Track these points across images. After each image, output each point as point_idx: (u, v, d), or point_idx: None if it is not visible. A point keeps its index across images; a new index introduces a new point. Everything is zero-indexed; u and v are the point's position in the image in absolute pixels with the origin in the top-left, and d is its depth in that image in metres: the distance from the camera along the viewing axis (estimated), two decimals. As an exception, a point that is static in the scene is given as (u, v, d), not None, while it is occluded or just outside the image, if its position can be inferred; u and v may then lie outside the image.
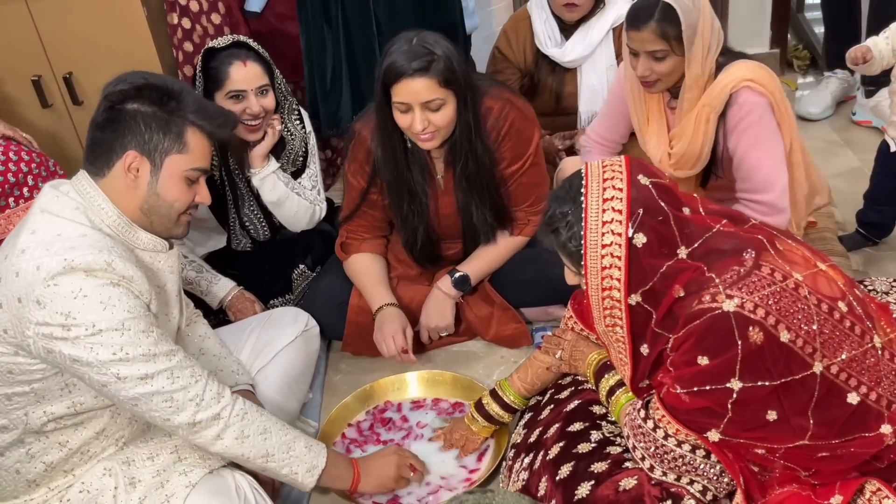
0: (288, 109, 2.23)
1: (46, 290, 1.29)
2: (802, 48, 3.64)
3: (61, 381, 1.39)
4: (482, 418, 1.78)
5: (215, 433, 1.42)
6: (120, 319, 1.32)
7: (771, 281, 1.28)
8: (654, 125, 2.11)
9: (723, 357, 1.26)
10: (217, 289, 2.18)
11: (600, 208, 1.31)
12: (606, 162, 1.37)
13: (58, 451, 1.45)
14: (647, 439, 1.39)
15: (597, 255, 1.32)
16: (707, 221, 1.37)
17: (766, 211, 1.99)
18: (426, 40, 1.79)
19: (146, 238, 1.48)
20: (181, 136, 1.43)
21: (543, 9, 2.56)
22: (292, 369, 1.96)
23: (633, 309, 1.34)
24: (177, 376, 1.38)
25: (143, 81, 1.42)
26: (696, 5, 1.86)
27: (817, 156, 2.86)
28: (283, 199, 2.20)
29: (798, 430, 1.30)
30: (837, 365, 1.28)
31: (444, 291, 2.13)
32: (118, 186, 1.43)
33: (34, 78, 2.83)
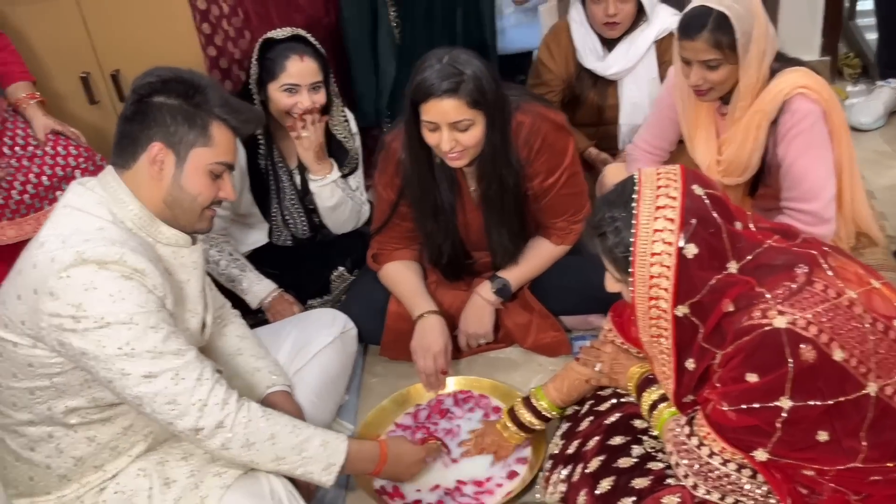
0: (337, 110, 2.24)
1: (59, 282, 1.30)
2: (854, 56, 3.56)
3: (80, 376, 1.39)
4: (514, 426, 1.76)
5: (220, 442, 1.41)
6: (129, 313, 1.32)
7: (824, 297, 1.24)
8: (704, 131, 2.07)
9: (773, 375, 1.23)
10: (258, 289, 2.19)
11: (652, 216, 1.28)
12: (661, 170, 1.33)
13: (86, 446, 1.46)
14: (691, 456, 1.36)
15: (646, 264, 1.29)
16: (758, 237, 1.34)
17: (810, 221, 1.94)
18: (457, 59, 1.77)
19: (168, 232, 1.48)
20: (206, 129, 1.44)
21: (582, 24, 2.54)
22: (330, 371, 1.95)
23: (680, 321, 1.31)
24: (182, 377, 1.37)
25: (171, 75, 1.43)
26: (751, 12, 1.82)
27: (868, 167, 2.79)
28: (339, 204, 2.21)
29: (850, 452, 1.26)
30: (893, 386, 1.24)
31: (483, 298, 2.11)
32: (143, 178, 1.44)
33: (83, 75, 2.87)
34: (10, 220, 2.22)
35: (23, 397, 1.41)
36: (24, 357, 1.37)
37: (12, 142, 2.26)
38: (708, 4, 1.83)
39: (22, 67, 2.39)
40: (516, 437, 1.77)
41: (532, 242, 2.12)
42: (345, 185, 2.23)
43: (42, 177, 2.24)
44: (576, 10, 2.55)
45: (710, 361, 1.32)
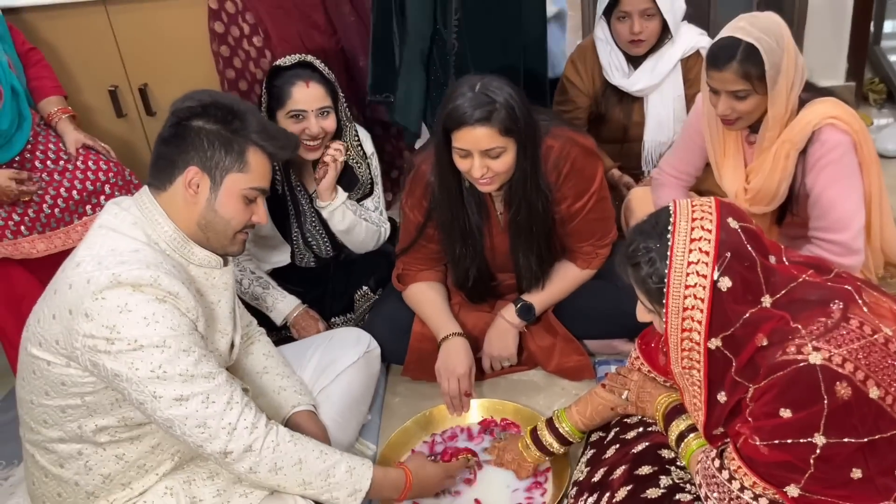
0: (350, 135, 2.23)
1: (94, 304, 1.32)
2: (879, 81, 3.54)
3: (111, 396, 1.41)
4: (535, 447, 1.77)
5: (248, 466, 1.42)
6: (162, 336, 1.34)
7: (860, 335, 1.24)
8: (731, 159, 2.07)
9: (807, 411, 1.22)
10: (283, 306, 2.19)
11: (687, 248, 1.28)
12: (696, 202, 1.34)
13: (114, 464, 1.47)
14: (721, 490, 1.35)
15: (679, 295, 1.28)
16: (792, 271, 1.33)
17: (839, 251, 1.93)
18: (489, 87, 1.78)
19: (201, 254, 1.50)
20: (243, 155, 1.46)
21: (608, 42, 2.54)
22: (353, 391, 1.96)
23: (713, 353, 1.31)
24: (212, 401, 1.38)
25: (210, 99, 1.46)
26: (780, 44, 1.82)
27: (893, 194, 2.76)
28: (352, 227, 2.21)
29: (883, 491, 1.25)
30: None
31: (507, 321, 2.11)
32: (177, 201, 1.46)
33: (111, 88, 2.91)
34: (40, 234, 2.25)
35: (54, 415, 1.42)
36: (57, 376, 1.38)
37: (44, 156, 2.29)
38: (737, 36, 1.82)
39: (54, 82, 2.42)
40: (536, 458, 1.78)
41: (557, 266, 2.12)
42: (356, 207, 2.23)
43: (73, 191, 2.27)
44: (601, 28, 2.56)
45: (741, 395, 1.31)
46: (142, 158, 3.05)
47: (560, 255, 2.12)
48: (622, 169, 2.70)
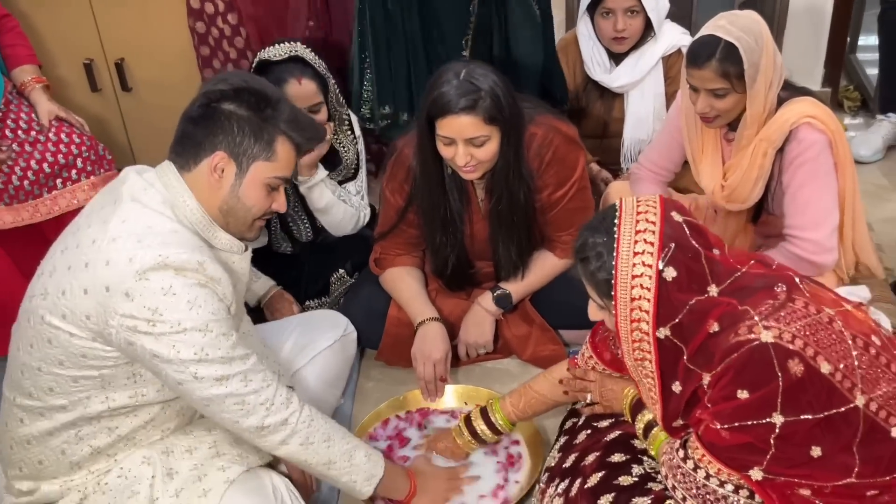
0: (339, 120, 2.21)
1: (137, 284, 1.30)
2: (854, 89, 3.61)
3: (129, 371, 1.40)
4: (468, 433, 1.79)
5: (281, 438, 1.44)
6: (204, 320, 1.34)
7: (806, 313, 1.27)
8: (709, 156, 2.09)
9: (763, 390, 1.24)
10: (257, 287, 2.17)
11: (632, 239, 1.31)
12: (641, 198, 1.37)
13: (106, 437, 1.45)
14: (687, 480, 1.36)
15: (627, 286, 1.31)
16: (735, 264, 1.36)
17: (813, 249, 1.96)
18: (474, 74, 1.77)
19: (224, 238, 1.48)
20: (271, 144, 1.44)
21: (591, 37, 2.56)
22: (328, 373, 1.95)
23: (662, 343, 1.33)
24: (250, 379, 1.40)
25: (244, 84, 1.43)
26: (760, 44, 1.83)
27: (865, 200, 2.79)
28: (330, 206, 2.19)
29: (843, 468, 1.27)
30: (876, 402, 1.26)
31: (484, 308, 2.11)
32: (201, 183, 1.43)
33: (86, 61, 2.86)
34: (7, 206, 2.20)
35: (64, 384, 1.40)
36: (79, 348, 1.36)
37: (15, 125, 2.24)
38: (717, 34, 1.83)
39: (29, 51, 2.37)
40: (469, 445, 1.80)
41: (536, 255, 2.12)
42: (336, 187, 2.21)
43: (43, 164, 2.22)
44: (584, 23, 2.57)
45: (696, 384, 1.33)
46: (116, 135, 3.00)
47: (539, 245, 2.12)
48: (601, 164, 2.72)
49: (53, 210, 2.26)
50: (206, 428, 1.53)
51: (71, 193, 2.27)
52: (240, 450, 1.51)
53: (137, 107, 2.97)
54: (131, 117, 3.00)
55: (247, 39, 2.69)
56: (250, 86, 1.44)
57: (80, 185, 2.28)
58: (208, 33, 2.69)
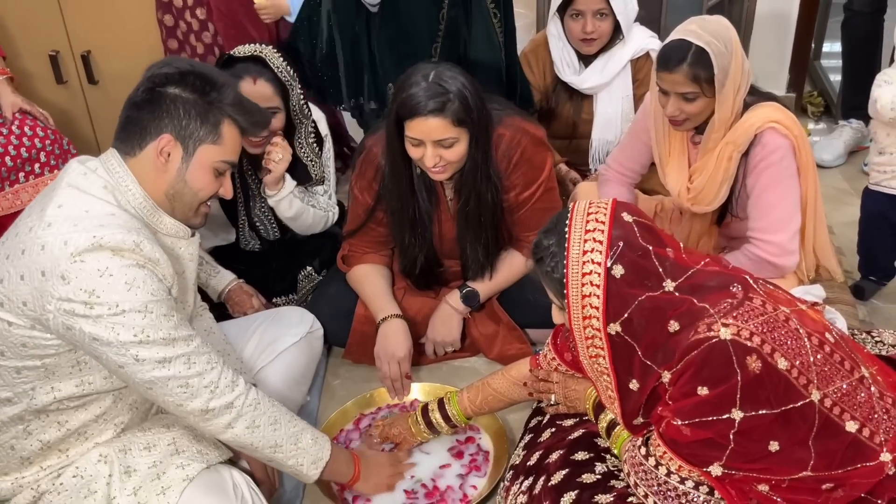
0: (305, 131, 2.18)
1: (72, 266, 1.28)
2: (817, 95, 3.68)
3: (73, 359, 1.38)
4: (424, 423, 1.80)
5: (227, 422, 1.43)
6: (143, 301, 1.32)
7: (763, 311, 1.30)
8: (676, 159, 2.11)
9: (723, 387, 1.26)
10: (216, 281, 2.15)
11: (582, 238, 1.34)
12: (593, 200, 1.40)
13: (56, 431, 1.43)
14: (648, 477, 1.38)
15: (578, 284, 1.33)
16: (689, 261, 1.39)
17: (775, 252, 1.99)
18: (443, 77, 1.78)
19: (170, 223, 1.47)
20: (217, 126, 1.43)
21: (560, 38, 2.58)
22: (294, 370, 1.94)
23: (613, 339, 1.35)
24: (193, 362, 1.38)
25: (189, 68, 1.43)
26: (729, 49, 1.86)
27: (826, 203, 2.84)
28: (299, 214, 2.18)
29: (799, 462, 1.30)
30: (831, 398, 1.29)
31: (452, 306, 2.12)
32: (147, 168, 1.42)
33: (52, 53, 2.82)
34: (-31, 199, 2.16)
35: (6, 376, 1.38)
36: (18, 337, 1.34)
37: (-24, 117, 2.21)
38: (688, 38, 1.85)
39: (-8, 41, 2.33)
40: (423, 435, 1.82)
41: (503, 255, 2.14)
42: (304, 194, 2.20)
43: (6, 157, 2.19)
44: (554, 24, 2.59)
45: (655, 382, 1.35)
46: (82, 128, 2.96)
47: (506, 244, 2.13)
48: (570, 165, 2.74)
49: (16, 204, 2.23)
50: (165, 425, 1.52)
51: (34, 187, 2.24)
52: (199, 446, 1.50)
53: (104, 100, 2.93)
54: (97, 110, 2.96)
55: (214, 35, 2.68)
56: (196, 69, 1.43)
57: (44, 178, 2.25)
58: (176, 27, 2.67)
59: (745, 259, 2.02)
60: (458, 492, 1.76)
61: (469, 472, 1.80)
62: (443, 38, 2.32)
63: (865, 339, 1.94)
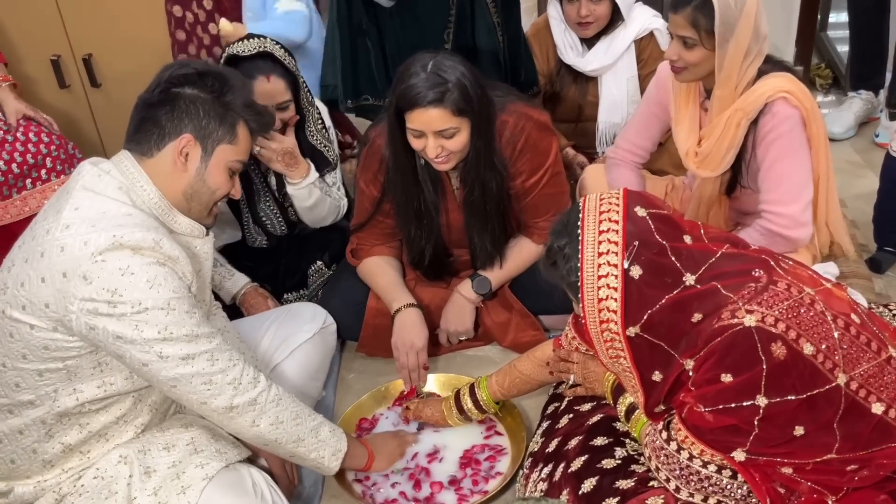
0: (313, 119, 2.18)
1: (94, 266, 1.29)
2: (825, 67, 3.63)
3: (94, 360, 1.39)
4: (456, 409, 1.82)
5: (251, 419, 1.45)
6: (166, 299, 1.33)
7: (788, 295, 1.28)
8: (687, 121, 2.08)
9: (747, 374, 1.25)
10: (230, 284, 2.15)
11: (596, 240, 1.31)
12: (604, 195, 1.37)
13: (77, 433, 1.44)
14: (670, 461, 1.37)
15: (593, 287, 1.31)
16: (710, 247, 1.36)
17: (787, 224, 1.96)
18: (441, 67, 1.76)
19: (185, 222, 1.48)
20: (234, 127, 1.46)
21: (561, 20, 2.57)
22: (309, 366, 1.94)
23: (633, 341, 1.32)
24: (216, 359, 1.40)
25: (206, 69, 1.45)
26: (738, 6, 1.82)
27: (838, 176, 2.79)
28: (317, 203, 2.18)
29: (824, 445, 1.29)
30: (857, 381, 1.27)
31: (464, 296, 2.11)
32: (165, 168, 1.43)
33: (53, 58, 2.81)
34: (-25, 206, 2.17)
35: (29, 379, 1.39)
36: (40, 340, 1.35)
37: (-19, 125, 2.21)
38: None
39: (-7, 48, 2.33)
40: (454, 419, 1.84)
41: (513, 242, 2.12)
42: (322, 183, 2.20)
43: (12, 164, 2.19)
44: (554, 7, 2.57)
45: (678, 370, 1.33)
46: (86, 131, 2.96)
47: (515, 232, 2.12)
48: (577, 148, 2.72)
49: (24, 211, 2.23)
50: (184, 424, 1.53)
51: (41, 193, 2.24)
52: (218, 445, 1.51)
53: (107, 102, 2.93)
54: (101, 113, 2.96)
55: None
56: (212, 70, 1.46)
57: (51, 184, 2.25)
58: (184, 17, 2.68)
59: (757, 234, 2.00)
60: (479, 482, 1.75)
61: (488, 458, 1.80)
62: (455, 25, 2.31)
63: (883, 313, 1.93)
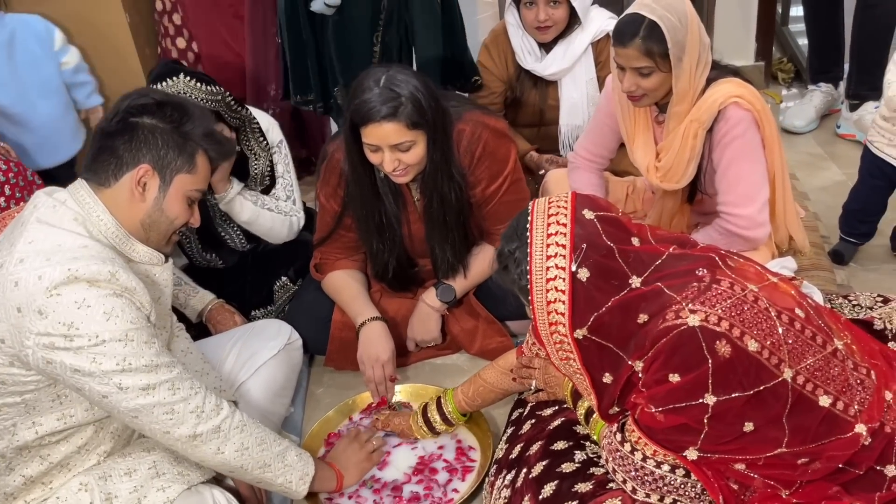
0: (250, 130, 2.16)
1: (49, 301, 1.28)
2: (787, 61, 3.67)
3: (52, 393, 1.38)
4: (423, 421, 1.83)
5: (216, 446, 1.44)
6: (123, 330, 1.33)
7: (731, 294, 1.29)
8: (641, 137, 2.10)
9: (694, 373, 1.26)
10: (196, 301, 2.15)
11: (545, 242, 1.32)
12: (553, 198, 1.38)
13: (38, 465, 1.43)
14: (625, 462, 1.39)
15: (542, 290, 1.32)
16: (657, 248, 1.37)
17: (745, 225, 1.99)
18: (394, 81, 1.77)
19: (143, 250, 1.47)
20: (193, 156, 1.46)
21: (519, 26, 2.58)
22: (274, 383, 1.93)
23: (581, 343, 1.33)
24: (177, 387, 1.39)
25: (165, 99, 1.45)
26: (684, 22, 1.84)
27: (801, 169, 2.87)
28: (254, 218, 2.17)
29: (774, 440, 1.30)
30: (803, 375, 1.29)
31: (429, 304, 2.12)
32: (122, 198, 1.43)
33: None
34: (-66, 237, 2.15)
35: None
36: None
37: (-63, 153, 2.19)
38: (642, 13, 1.85)
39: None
40: (421, 432, 1.84)
41: (476, 249, 2.13)
42: (257, 197, 2.18)
43: (-30, 192, 2.18)
44: (511, 13, 2.59)
45: (629, 372, 1.35)
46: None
47: (478, 240, 2.13)
48: (540, 152, 2.73)
49: (9, 229, 2.21)
50: (146, 448, 1.52)
51: (1, 221, 2.23)
52: (181, 468, 1.51)
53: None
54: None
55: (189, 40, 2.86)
56: (172, 100, 1.46)
57: (10, 212, 2.23)
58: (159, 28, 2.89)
59: (716, 234, 2.02)
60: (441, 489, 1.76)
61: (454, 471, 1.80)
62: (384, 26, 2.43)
63: (843, 304, 1.95)
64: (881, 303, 1.89)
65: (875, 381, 1.36)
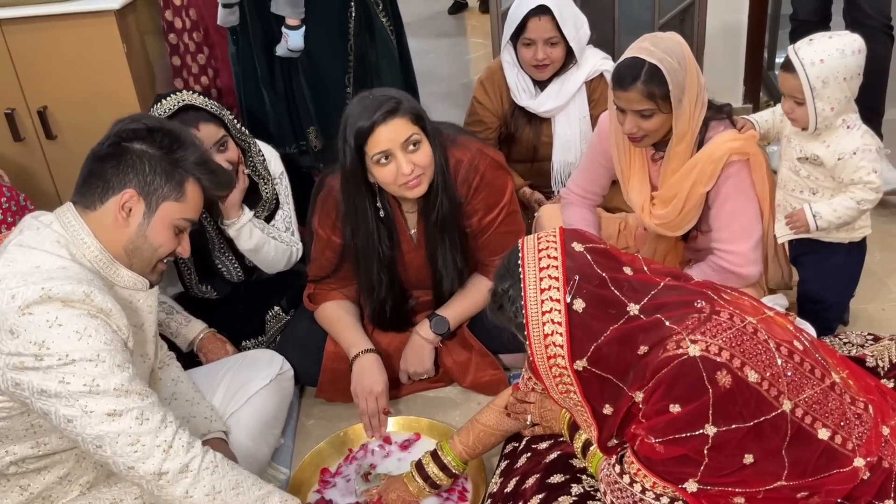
0: (254, 153, 2.19)
1: (21, 319, 1.25)
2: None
3: (26, 421, 1.35)
4: (421, 479, 1.71)
5: (184, 489, 1.35)
6: (95, 350, 1.29)
7: (731, 325, 1.30)
8: (637, 176, 2.12)
9: (694, 403, 1.26)
10: (187, 330, 2.13)
11: (538, 276, 1.33)
12: (541, 234, 1.39)
13: (18, 496, 1.40)
14: (624, 494, 1.37)
15: (538, 323, 1.32)
16: (652, 278, 1.38)
17: (738, 262, 2.00)
18: (385, 92, 1.84)
19: (127, 275, 1.45)
20: (182, 184, 1.44)
21: (514, 65, 2.62)
22: (265, 414, 1.91)
23: (582, 374, 1.33)
24: (146, 417, 1.33)
25: (158, 125, 1.44)
26: (683, 64, 1.87)
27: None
28: (260, 246, 2.16)
29: (773, 473, 1.30)
30: (801, 407, 1.29)
31: (423, 336, 2.11)
32: (107, 222, 1.41)
33: (7, 111, 2.79)
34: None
35: None
36: None
37: (-70, 178, 2.18)
38: (641, 56, 1.87)
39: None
40: (423, 493, 1.72)
41: (471, 280, 2.13)
42: (264, 225, 2.19)
43: (-38, 215, 2.16)
44: (507, 52, 2.63)
45: (629, 403, 1.34)
46: (41, 184, 2.93)
47: (473, 269, 2.13)
48: (533, 187, 2.76)
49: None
50: None
51: (-8, 245, 2.21)
52: None
53: (63, 154, 2.91)
54: (57, 165, 2.93)
55: (209, 57, 2.95)
56: (165, 127, 1.45)
57: (2, 235, 2.21)
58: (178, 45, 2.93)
59: (710, 270, 2.03)
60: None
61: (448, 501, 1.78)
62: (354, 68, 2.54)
63: (833, 342, 1.96)
64: (872, 340, 1.90)
65: (872, 416, 1.37)
